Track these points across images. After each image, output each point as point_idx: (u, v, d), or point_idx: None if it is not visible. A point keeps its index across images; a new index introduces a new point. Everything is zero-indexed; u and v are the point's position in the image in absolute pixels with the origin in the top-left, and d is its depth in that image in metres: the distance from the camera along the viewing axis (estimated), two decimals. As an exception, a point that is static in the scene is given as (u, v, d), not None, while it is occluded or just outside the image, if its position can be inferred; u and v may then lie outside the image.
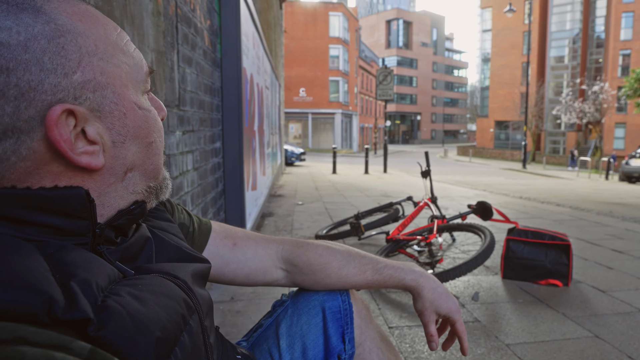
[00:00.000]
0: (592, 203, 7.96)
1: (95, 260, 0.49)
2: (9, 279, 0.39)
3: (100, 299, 0.44)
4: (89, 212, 0.50)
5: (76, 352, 0.37)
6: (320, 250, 0.88)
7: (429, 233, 3.22)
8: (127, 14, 1.40)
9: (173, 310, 0.52)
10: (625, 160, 17.14)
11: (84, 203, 0.49)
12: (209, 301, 0.66)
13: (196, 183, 2.37)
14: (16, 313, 0.38)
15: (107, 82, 0.50)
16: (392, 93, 14.97)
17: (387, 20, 72.15)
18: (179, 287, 0.57)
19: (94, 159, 0.49)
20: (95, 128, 0.49)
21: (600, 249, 4.02)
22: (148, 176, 0.58)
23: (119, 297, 0.46)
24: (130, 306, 0.46)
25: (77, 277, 0.44)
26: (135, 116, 0.54)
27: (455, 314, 0.90)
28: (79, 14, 0.50)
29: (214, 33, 2.93)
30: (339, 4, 38.96)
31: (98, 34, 0.51)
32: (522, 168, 24.40)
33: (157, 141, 0.59)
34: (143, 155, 0.56)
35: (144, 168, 0.57)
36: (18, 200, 0.46)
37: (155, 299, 0.50)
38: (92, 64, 0.49)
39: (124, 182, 0.54)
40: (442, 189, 9.02)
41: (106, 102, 0.50)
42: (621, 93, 23.79)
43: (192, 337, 0.55)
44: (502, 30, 45.90)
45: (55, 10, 0.47)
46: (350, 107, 42.62)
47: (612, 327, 2.27)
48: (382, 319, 2.33)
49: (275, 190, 8.21)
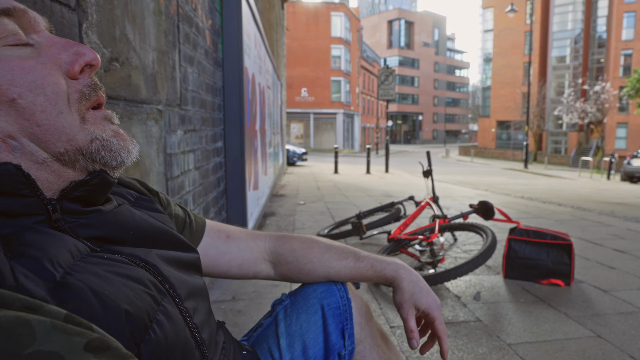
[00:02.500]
0: (593, 203, 7.94)
1: (54, 237, 0.47)
2: None
3: (59, 276, 0.43)
4: (30, 188, 0.47)
5: (52, 314, 0.36)
6: (303, 239, 0.92)
7: (431, 232, 3.22)
8: (129, 12, 1.40)
9: (140, 290, 0.50)
10: (627, 160, 17.10)
11: (19, 179, 0.46)
12: (195, 286, 0.65)
13: (198, 182, 2.37)
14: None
15: None
16: (394, 93, 14.96)
17: (388, 20, 72.10)
18: (147, 271, 0.55)
19: None
20: None
21: (602, 248, 4.01)
22: (46, 143, 0.48)
23: (81, 274, 0.45)
24: (92, 282, 0.45)
25: (25, 257, 0.42)
26: None
27: (434, 310, 0.88)
28: None
29: (216, 32, 2.93)
30: (341, 4, 38.95)
31: None
32: (524, 168, 24.37)
33: (33, 97, 0.47)
34: (15, 118, 0.47)
35: (29, 132, 0.47)
36: None
37: (119, 279, 0.49)
38: None
39: (13, 152, 0.47)
40: (443, 188, 9.01)
41: None
42: (623, 93, 23.72)
43: (169, 317, 0.53)
44: (503, 30, 45.83)
45: None
46: (352, 107, 42.60)
47: (614, 327, 2.26)
48: (384, 318, 2.33)
49: (277, 190, 8.21)
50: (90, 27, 1.12)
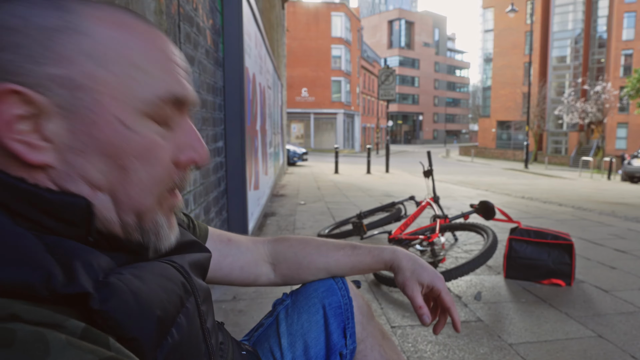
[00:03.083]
0: (594, 203, 7.94)
1: (93, 250, 0.48)
2: (8, 255, 0.39)
3: (101, 276, 0.45)
4: (86, 224, 0.49)
5: (69, 330, 0.37)
6: (300, 237, 0.95)
7: (432, 232, 3.22)
8: (130, 12, 1.40)
9: (172, 291, 0.52)
10: (628, 160, 17.10)
11: (83, 214, 0.48)
12: (207, 290, 0.66)
13: (198, 182, 2.37)
14: (14, 287, 0.38)
15: (90, 87, 0.47)
16: (394, 93, 14.96)
17: (389, 20, 72.13)
18: (176, 270, 0.57)
19: (32, 152, 0.46)
20: (55, 126, 0.46)
21: (603, 248, 4.01)
22: (121, 207, 0.51)
23: (120, 275, 0.47)
24: (132, 283, 0.46)
25: (76, 257, 0.44)
26: (109, 130, 0.48)
27: (438, 282, 0.88)
28: (108, 21, 0.50)
29: (217, 32, 2.93)
30: (341, 4, 38.97)
31: (116, 42, 0.49)
32: (524, 168, 24.37)
33: (141, 173, 0.51)
34: (114, 179, 0.50)
35: (115, 195, 0.50)
36: (20, 193, 0.45)
37: (154, 279, 0.51)
38: (82, 65, 0.47)
39: (96, 199, 0.49)
40: (444, 188, 9.01)
41: (79, 104, 0.47)
42: (623, 93, 23.75)
43: (189, 319, 0.55)
44: (504, 30, 45.85)
45: (80, 12, 0.48)
46: (353, 107, 42.62)
47: (615, 327, 2.26)
48: (385, 318, 2.32)
49: (278, 190, 8.21)
50: (91, 27, 1.11)
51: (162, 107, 0.52)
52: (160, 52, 0.53)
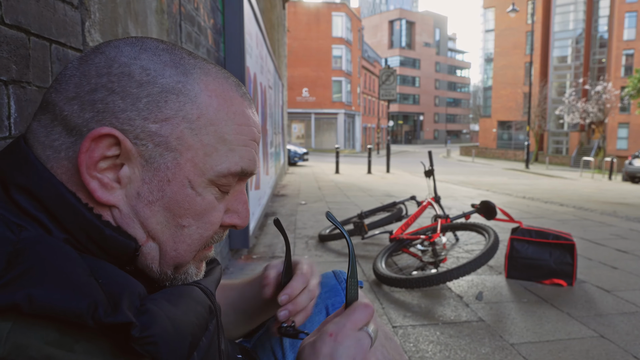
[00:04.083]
0: (595, 203, 7.94)
1: (130, 277, 0.50)
2: (59, 280, 0.40)
3: (139, 304, 0.45)
4: (128, 262, 0.51)
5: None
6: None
7: (433, 232, 3.22)
8: (131, 11, 1.40)
9: (200, 315, 0.53)
10: (629, 160, 17.09)
11: (130, 255, 0.51)
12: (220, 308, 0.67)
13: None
14: (62, 313, 0.38)
15: (176, 147, 0.50)
16: (395, 93, 14.96)
17: (389, 20, 72.15)
18: (203, 292, 0.58)
19: (102, 191, 0.49)
20: (132, 172, 0.50)
21: (605, 248, 4.00)
22: (165, 259, 0.54)
23: (156, 300, 0.47)
24: (167, 310, 0.47)
25: (118, 284, 0.45)
26: (179, 190, 0.51)
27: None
28: (213, 90, 0.53)
29: (218, 32, 2.93)
30: (342, 4, 38.97)
31: (213, 111, 0.52)
32: (525, 168, 24.35)
33: (193, 231, 0.54)
34: (169, 234, 0.53)
35: (164, 247, 0.53)
36: (81, 218, 0.48)
37: (186, 303, 0.52)
38: (177, 126, 0.50)
39: (146, 246, 0.52)
40: (445, 188, 9.01)
41: (161, 160, 0.50)
42: (624, 93, 23.74)
43: (209, 340, 0.56)
44: (504, 31, 45.83)
45: (196, 77, 0.52)
46: (353, 107, 42.61)
47: (617, 327, 2.25)
48: (386, 318, 2.32)
49: (279, 189, 8.21)
50: (93, 26, 1.12)
51: (230, 178, 0.55)
52: (247, 129, 0.56)
